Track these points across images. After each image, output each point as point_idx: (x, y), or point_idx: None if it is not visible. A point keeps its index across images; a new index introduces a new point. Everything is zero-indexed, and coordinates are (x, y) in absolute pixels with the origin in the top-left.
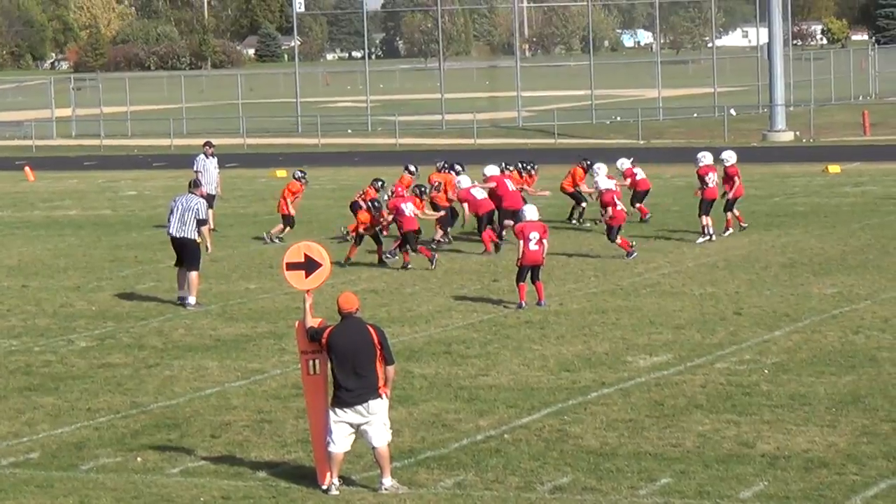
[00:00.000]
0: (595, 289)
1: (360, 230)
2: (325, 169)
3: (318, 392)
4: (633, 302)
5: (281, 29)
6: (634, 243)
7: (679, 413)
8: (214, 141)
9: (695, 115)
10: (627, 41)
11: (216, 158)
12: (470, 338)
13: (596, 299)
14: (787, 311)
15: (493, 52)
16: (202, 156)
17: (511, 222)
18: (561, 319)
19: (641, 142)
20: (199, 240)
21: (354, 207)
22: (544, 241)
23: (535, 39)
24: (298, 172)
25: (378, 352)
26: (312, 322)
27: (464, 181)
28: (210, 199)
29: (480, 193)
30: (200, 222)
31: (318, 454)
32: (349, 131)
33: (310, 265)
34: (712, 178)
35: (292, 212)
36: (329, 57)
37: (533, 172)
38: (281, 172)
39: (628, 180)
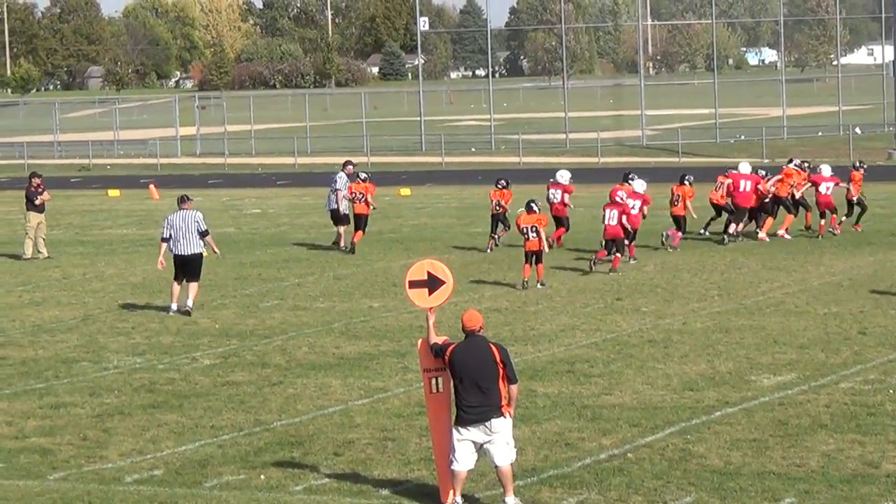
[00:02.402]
0: (719, 308)
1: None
2: (448, 187)
3: (441, 410)
4: (756, 321)
5: (405, 47)
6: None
7: (803, 433)
8: (339, 160)
9: (819, 133)
10: (752, 59)
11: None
12: (593, 356)
13: (720, 318)
14: None
15: (617, 70)
16: (343, 174)
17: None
18: (684, 338)
19: (766, 160)
20: (206, 253)
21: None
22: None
23: (659, 57)
24: (363, 174)
25: (501, 370)
26: (436, 339)
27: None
28: (345, 216)
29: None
30: (203, 234)
31: (441, 472)
32: (473, 150)
33: (432, 283)
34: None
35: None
36: (453, 75)
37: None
38: (405, 191)
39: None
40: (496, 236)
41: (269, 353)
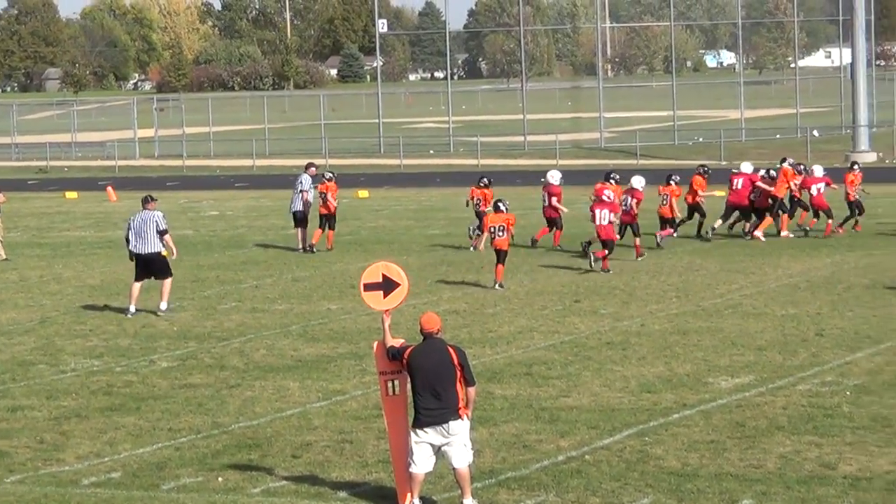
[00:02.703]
0: (677, 310)
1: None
2: (406, 189)
3: (397, 412)
4: (714, 323)
5: (363, 49)
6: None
7: (760, 434)
8: (297, 162)
9: (777, 136)
10: (710, 61)
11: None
12: (551, 359)
13: (677, 320)
14: (870, 332)
15: (576, 73)
16: (307, 175)
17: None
18: (642, 340)
19: (724, 163)
20: (164, 252)
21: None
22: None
23: (617, 60)
24: (329, 173)
25: (458, 372)
26: (392, 342)
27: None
28: (301, 216)
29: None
30: (162, 233)
31: (398, 475)
32: (431, 152)
33: (387, 285)
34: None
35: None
36: (411, 77)
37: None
38: (363, 193)
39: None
40: (472, 232)
41: (226, 355)
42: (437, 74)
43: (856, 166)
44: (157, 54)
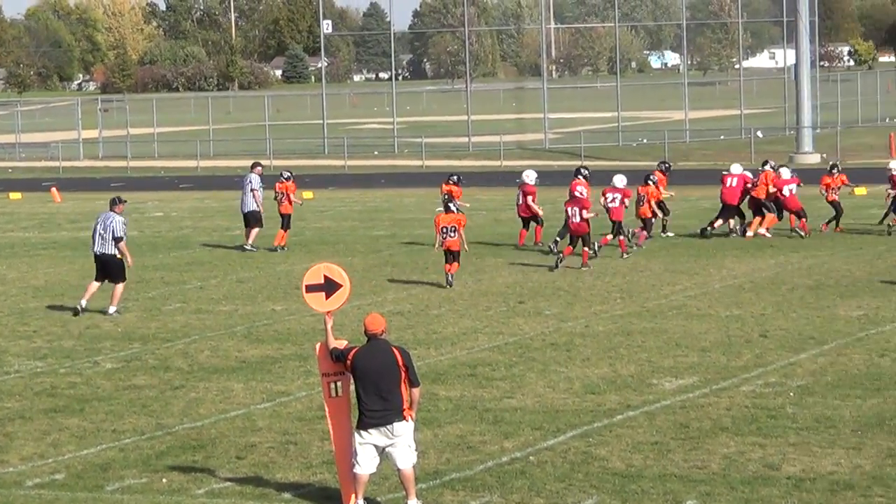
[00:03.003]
0: (621, 311)
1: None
2: (351, 191)
3: (341, 414)
4: (658, 324)
5: (308, 50)
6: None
7: (704, 435)
8: (241, 163)
9: (721, 137)
10: (654, 62)
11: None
12: (495, 360)
13: (622, 321)
14: (813, 333)
15: (520, 74)
16: (254, 175)
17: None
18: (587, 342)
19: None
20: (118, 256)
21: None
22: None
23: (562, 61)
24: (286, 172)
25: (403, 374)
26: (335, 344)
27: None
28: (258, 216)
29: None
30: (117, 240)
31: (342, 476)
32: (375, 153)
33: (329, 286)
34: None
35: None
36: (356, 78)
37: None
38: (308, 194)
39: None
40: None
41: (171, 356)
42: (381, 75)
43: (835, 170)
44: (102, 55)
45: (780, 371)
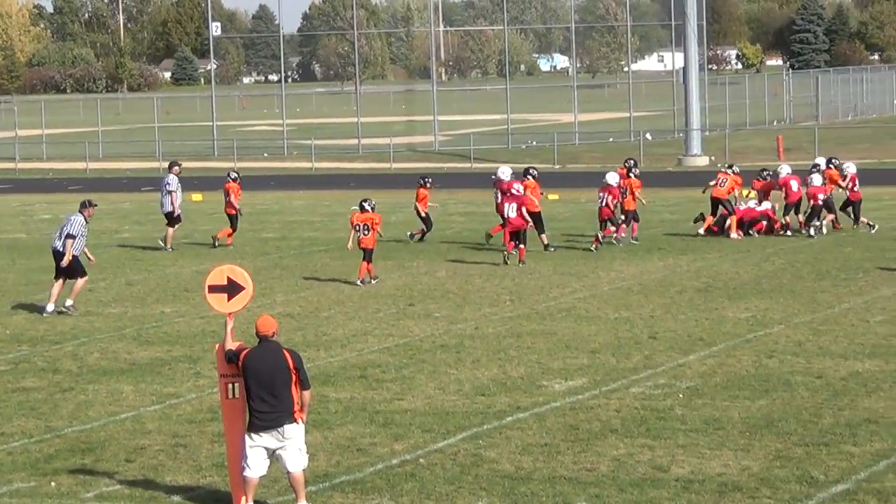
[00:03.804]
0: (511, 313)
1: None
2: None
3: (235, 416)
4: (548, 326)
5: (197, 52)
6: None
7: (594, 437)
8: (131, 165)
9: (610, 139)
10: (544, 65)
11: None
12: (385, 362)
13: (511, 323)
14: (702, 335)
15: (410, 76)
16: (173, 176)
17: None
18: (476, 343)
19: (557, 166)
20: (68, 253)
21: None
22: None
23: (451, 63)
24: (234, 174)
25: (294, 376)
26: (232, 345)
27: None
28: (178, 217)
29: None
30: (67, 236)
31: (233, 479)
32: (265, 155)
33: (232, 288)
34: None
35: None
36: (246, 80)
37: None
38: (197, 196)
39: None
40: (414, 234)
41: (60, 358)
42: (271, 77)
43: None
44: None
45: (669, 373)
